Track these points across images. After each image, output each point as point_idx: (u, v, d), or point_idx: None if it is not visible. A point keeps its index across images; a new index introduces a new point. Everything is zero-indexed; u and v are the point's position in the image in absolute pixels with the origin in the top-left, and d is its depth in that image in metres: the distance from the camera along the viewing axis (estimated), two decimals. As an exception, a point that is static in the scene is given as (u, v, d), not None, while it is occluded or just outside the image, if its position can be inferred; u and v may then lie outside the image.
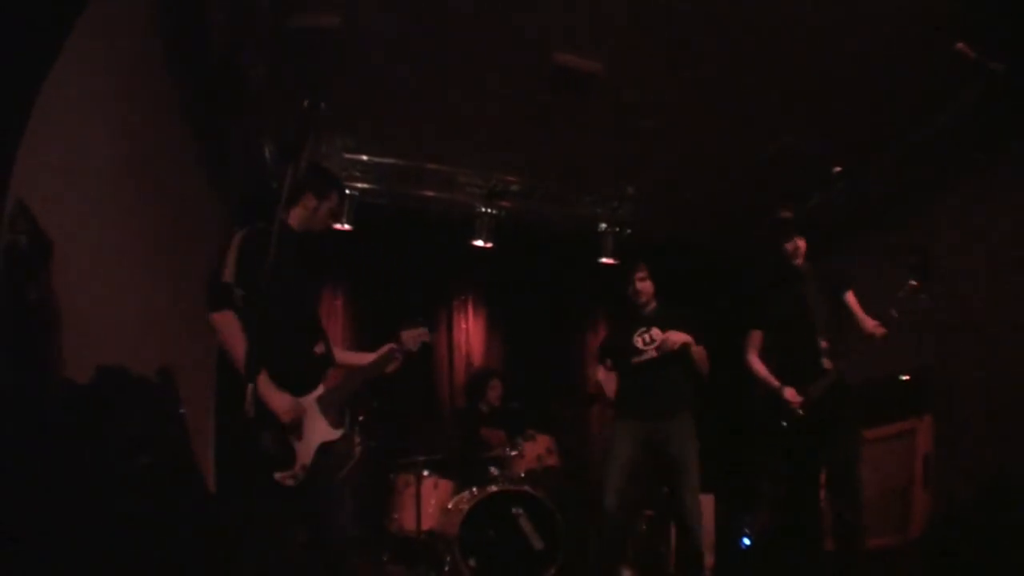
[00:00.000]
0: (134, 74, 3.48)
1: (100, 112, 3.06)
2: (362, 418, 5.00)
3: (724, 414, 6.71)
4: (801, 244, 3.73)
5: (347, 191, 5.70)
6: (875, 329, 3.42)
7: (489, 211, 6.28)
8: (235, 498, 2.56)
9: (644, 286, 4.05)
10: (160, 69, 3.85)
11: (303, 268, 2.81)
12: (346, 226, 5.85)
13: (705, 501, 5.15)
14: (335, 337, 5.23)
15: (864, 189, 5.50)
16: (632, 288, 4.06)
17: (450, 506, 4.80)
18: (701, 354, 3.90)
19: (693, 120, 5.13)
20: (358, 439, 4.95)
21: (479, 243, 6.28)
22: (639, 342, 3.96)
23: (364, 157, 5.77)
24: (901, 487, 4.49)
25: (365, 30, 4.22)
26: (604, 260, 6.51)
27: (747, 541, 5.55)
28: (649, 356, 3.91)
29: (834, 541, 3.47)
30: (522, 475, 4.96)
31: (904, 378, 4.84)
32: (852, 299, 3.68)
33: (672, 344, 3.78)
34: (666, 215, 6.62)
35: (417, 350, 3.02)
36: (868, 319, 3.53)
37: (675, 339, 3.79)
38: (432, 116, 5.21)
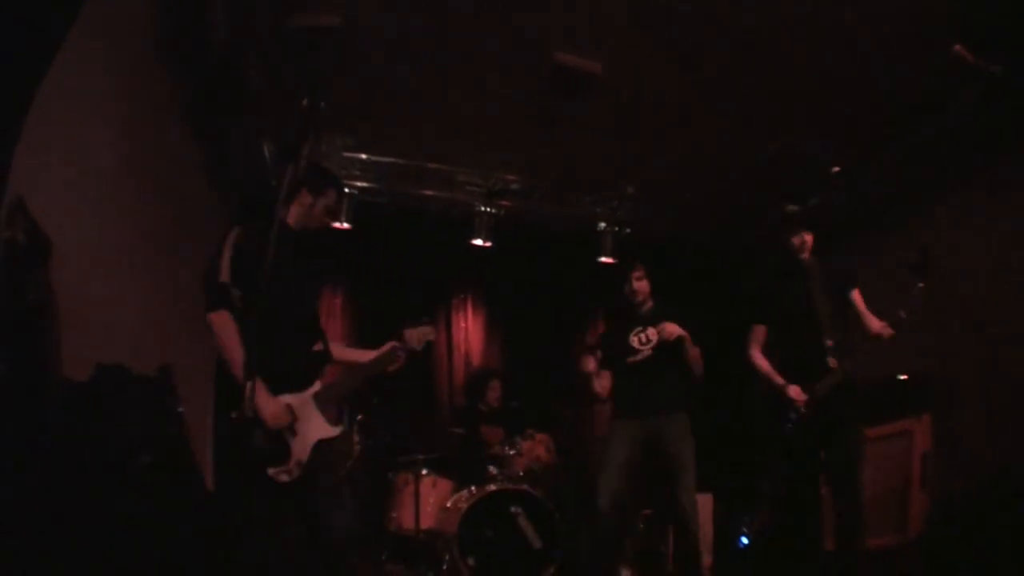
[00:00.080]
0: (134, 74, 3.49)
1: (100, 112, 3.07)
2: (361, 416, 5.02)
3: (724, 413, 6.74)
4: (808, 239, 3.68)
5: (347, 190, 5.71)
6: (883, 330, 3.39)
7: (489, 210, 6.27)
8: (235, 498, 2.55)
9: (641, 285, 4.03)
10: (160, 69, 3.85)
11: (300, 266, 2.80)
12: (345, 225, 5.85)
13: (704, 501, 5.17)
14: (335, 336, 5.23)
15: (864, 189, 5.50)
16: (629, 287, 4.04)
17: (449, 505, 4.81)
18: (696, 354, 3.87)
19: (693, 120, 5.13)
20: (357, 437, 4.97)
21: (479, 242, 6.27)
22: (635, 341, 3.95)
23: (363, 156, 5.77)
24: (899, 487, 4.49)
25: (365, 30, 4.22)
26: (604, 259, 6.51)
27: (745, 541, 5.55)
28: (645, 356, 3.90)
29: (834, 541, 3.45)
30: (521, 474, 4.96)
31: (902, 377, 4.84)
32: (858, 297, 3.65)
33: (670, 334, 3.75)
34: (666, 215, 6.61)
35: (421, 349, 3.01)
36: (874, 319, 3.51)
37: (672, 329, 3.77)
38: (432, 116, 5.21)
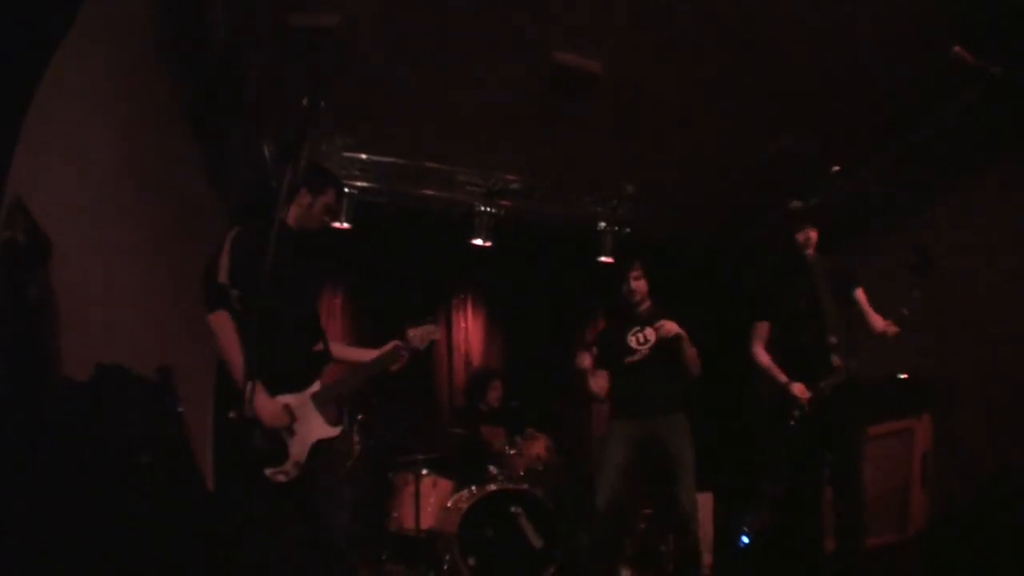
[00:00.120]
0: (134, 74, 3.48)
1: (100, 112, 3.07)
2: (361, 417, 5.02)
3: (724, 413, 6.74)
4: (812, 235, 3.65)
5: (347, 190, 5.71)
6: (887, 327, 3.38)
7: (489, 210, 6.27)
8: (235, 498, 2.55)
9: (638, 285, 4.01)
10: (160, 69, 3.85)
11: (299, 266, 2.80)
12: (345, 225, 5.85)
13: (704, 500, 5.17)
14: (335, 336, 5.23)
15: (864, 189, 5.50)
16: (626, 287, 4.01)
17: (449, 505, 4.81)
18: (693, 354, 3.85)
19: (693, 120, 5.13)
20: (357, 437, 4.97)
21: (479, 242, 6.27)
22: (633, 341, 3.93)
23: (363, 156, 5.77)
24: (900, 486, 4.48)
25: (365, 30, 4.22)
26: (603, 259, 6.51)
27: (746, 540, 5.55)
28: (642, 356, 3.88)
29: (835, 540, 3.43)
30: (521, 474, 4.97)
31: (902, 376, 4.83)
32: (862, 296, 3.62)
33: (668, 331, 3.73)
34: (666, 215, 6.61)
35: (424, 348, 3.00)
36: (878, 317, 3.49)
37: (671, 327, 3.75)
38: (432, 116, 5.21)
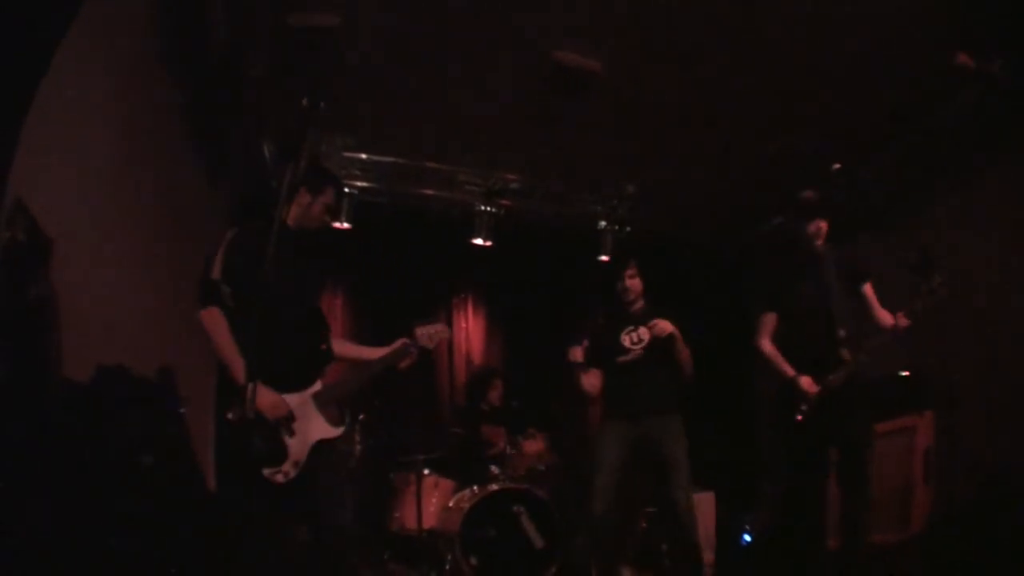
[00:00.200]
0: (134, 74, 3.48)
1: (100, 112, 3.07)
2: (363, 417, 5.02)
3: (725, 412, 6.74)
4: (823, 226, 3.59)
5: (346, 189, 5.71)
6: (899, 320, 3.33)
7: (489, 209, 6.27)
8: (235, 498, 2.55)
9: (633, 284, 3.97)
10: (160, 69, 3.85)
11: (298, 265, 2.80)
12: (346, 225, 5.85)
13: (706, 499, 5.17)
14: (336, 335, 5.21)
15: (864, 189, 5.50)
16: (621, 285, 3.97)
17: (451, 504, 4.81)
18: (687, 355, 3.82)
19: (693, 120, 5.13)
20: (359, 437, 4.97)
21: (479, 242, 6.27)
22: (626, 341, 3.89)
23: (364, 156, 5.77)
24: (902, 484, 4.47)
25: (365, 30, 4.22)
26: (604, 258, 6.51)
27: (748, 539, 5.55)
28: (636, 355, 3.85)
29: (839, 537, 3.40)
30: (523, 473, 4.97)
31: (904, 374, 4.83)
32: (870, 291, 3.59)
33: (662, 330, 3.71)
34: (666, 214, 6.61)
35: (433, 347, 2.99)
36: (886, 312, 3.46)
37: (664, 326, 3.72)
38: (432, 116, 5.21)
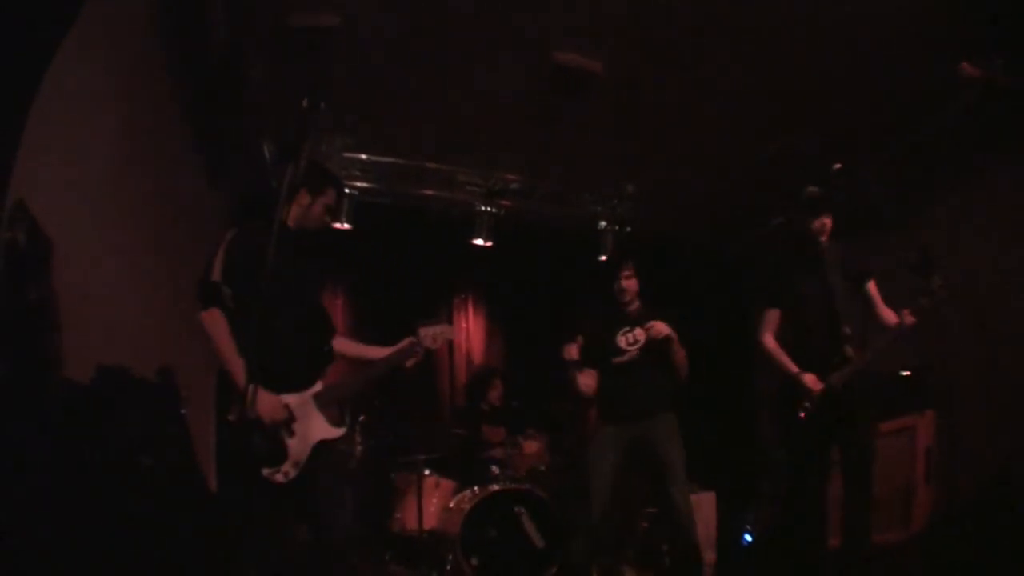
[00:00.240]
0: (134, 74, 3.49)
1: (100, 112, 3.07)
2: (363, 417, 5.01)
3: (725, 412, 6.74)
4: (828, 222, 3.57)
5: (347, 190, 5.71)
6: (907, 317, 3.29)
7: (489, 210, 6.27)
8: (235, 498, 2.55)
9: (629, 284, 3.95)
10: (160, 69, 3.85)
11: (298, 266, 2.80)
12: (346, 225, 5.85)
13: (707, 499, 5.17)
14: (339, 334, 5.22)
15: (864, 189, 5.50)
16: (617, 285, 3.95)
17: (451, 505, 4.80)
18: (682, 356, 3.80)
19: (693, 120, 5.13)
20: (359, 438, 4.97)
21: (479, 242, 6.28)
22: (622, 342, 3.88)
23: (364, 156, 5.77)
24: (903, 483, 4.47)
25: (365, 30, 4.22)
26: (604, 258, 6.51)
27: (749, 538, 5.55)
28: (631, 356, 3.83)
29: (842, 538, 3.37)
30: (523, 474, 4.96)
31: (905, 374, 4.82)
32: (873, 288, 3.57)
33: (658, 332, 3.68)
34: (666, 214, 6.61)
35: (437, 347, 2.98)
36: (890, 311, 3.44)
37: (661, 327, 3.70)
38: (432, 116, 5.21)
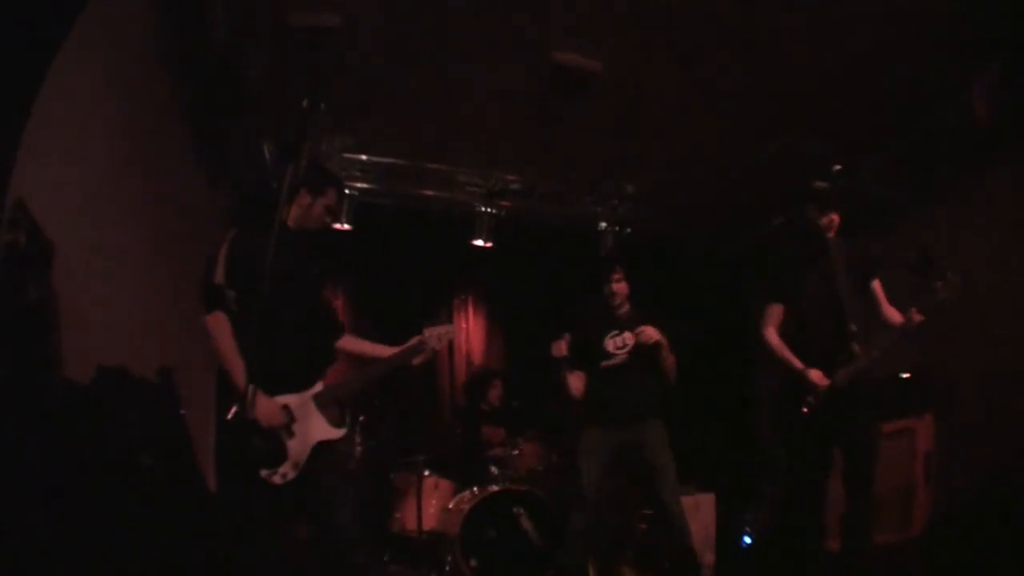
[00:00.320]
0: (134, 74, 3.48)
1: (100, 112, 3.07)
2: (363, 418, 5.01)
3: (724, 412, 6.74)
4: (835, 218, 3.54)
5: (347, 191, 5.70)
6: (914, 316, 3.25)
7: (489, 210, 6.27)
8: (235, 498, 2.55)
9: (620, 287, 3.97)
10: (160, 69, 3.85)
11: (300, 266, 2.80)
12: (346, 226, 5.85)
13: (706, 500, 5.17)
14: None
15: (864, 189, 5.50)
16: (607, 288, 3.98)
17: (451, 506, 4.80)
18: (671, 362, 3.80)
19: (693, 120, 5.13)
20: (359, 438, 4.97)
21: (479, 242, 6.27)
22: (611, 346, 3.88)
23: (364, 157, 5.77)
24: (902, 485, 4.48)
25: (365, 30, 4.22)
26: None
27: (748, 540, 5.55)
28: (620, 360, 3.83)
29: (842, 537, 3.36)
30: (523, 474, 4.96)
31: (905, 376, 4.83)
32: (878, 288, 3.55)
33: (648, 337, 3.69)
34: (666, 214, 6.61)
35: (441, 347, 2.99)
36: (894, 310, 3.43)
37: (651, 333, 3.70)
38: (432, 116, 5.21)
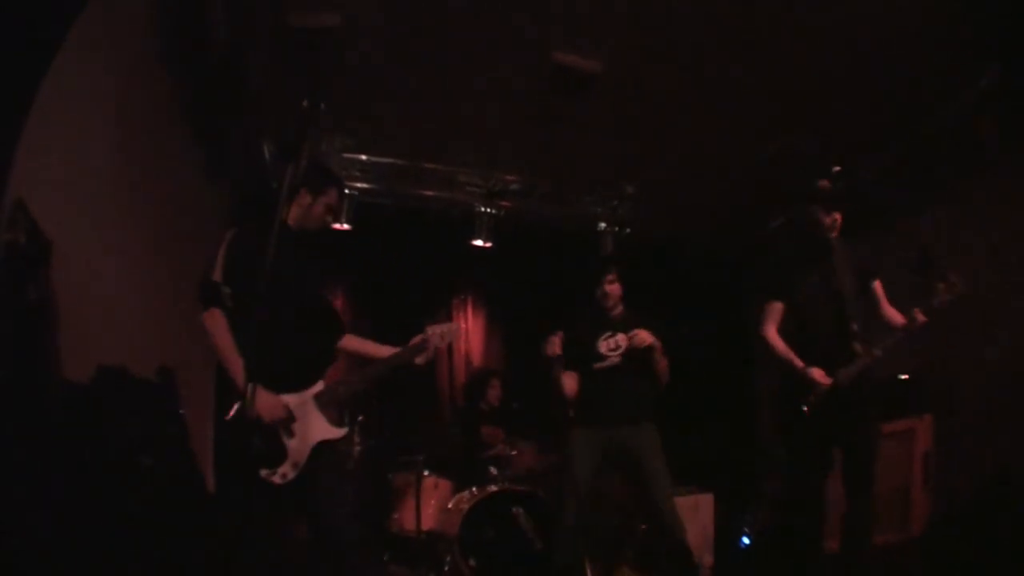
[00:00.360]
0: (134, 74, 3.49)
1: (100, 112, 3.07)
2: (362, 417, 5.01)
3: (724, 412, 6.74)
4: (838, 218, 3.53)
5: (346, 191, 5.70)
6: (918, 316, 3.25)
7: (489, 210, 6.27)
8: (235, 498, 2.54)
9: (613, 289, 3.96)
10: (160, 69, 3.85)
11: (300, 265, 2.80)
12: (346, 226, 5.85)
13: (705, 500, 5.17)
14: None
15: (864, 189, 5.50)
16: (600, 290, 3.97)
17: (450, 506, 4.80)
18: (664, 366, 3.78)
19: (693, 120, 5.13)
20: (358, 438, 4.97)
21: (479, 242, 6.27)
22: (603, 347, 3.87)
23: (363, 157, 5.76)
24: (901, 486, 4.48)
25: (365, 30, 4.22)
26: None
27: (747, 541, 5.55)
28: (613, 362, 3.81)
29: (842, 538, 3.35)
30: (522, 475, 4.96)
31: (903, 377, 4.83)
32: (879, 288, 3.55)
33: (641, 340, 3.67)
34: (666, 215, 6.61)
35: (445, 346, 2.99)
36: (895, 311, 3.43)
37: (644, 336, 3.69)
38: (432, 116, 5.21)
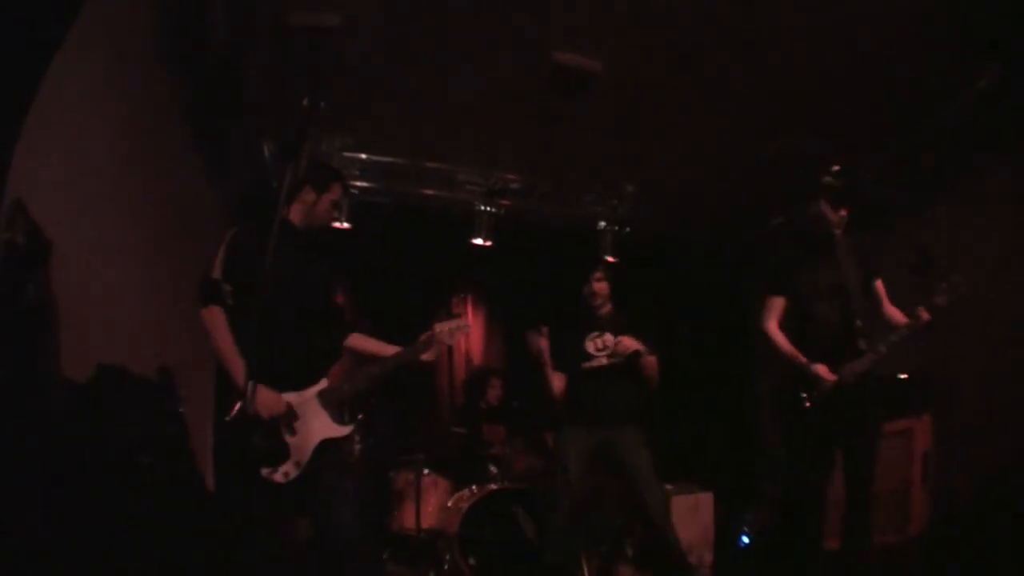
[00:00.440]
0: (134, 74, 3.49)
1: (100, 112, 3.07)
2: (362, 416, 5.02)
3: (724, 412, 6.75)
4: (844, 213, 3.54)
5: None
6: (922, 314, 3.24)
7: (489, 209, 6.27)
8: (235, 498, 2.55)
9: (600, 287, 3.96)
10: (160, 69, 3.85)
11: (303, 263, 2.80)
12: (345, 224, 5.85)
13: (704, 500, 5.18)
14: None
15: (864, 189, 5.50)
16: (588, 288, 3.97)
17: (450, 504, 4.81)
18: (652, 364, 3.79)
19: (693, 120, 5.13)
20: (358, 436, 4.97)
21: (479, 241, 6.28)
22: (591, 347, 3.87)
23: (363, 156, 5.76)
24: (900, 486, 4.49)
25: (365, 30, 4.22)
26: (604, 258, 6.51)
27: (746, 540, 5.55)
28: (599, 363, 3.82)
29: (843, 539, 3.36)
30: (521, 473, 4.97)
31: (903, 376, 4.83)
32: (881, 287, 3.55)
33: (626, 348, 3.69)
34: (666, 214, 6.61)
35: (452, 343, 2.98)
36: (896, 310, 3.43)
37: (628, 344, 3.70)
38: (432, 116, 5.21)
